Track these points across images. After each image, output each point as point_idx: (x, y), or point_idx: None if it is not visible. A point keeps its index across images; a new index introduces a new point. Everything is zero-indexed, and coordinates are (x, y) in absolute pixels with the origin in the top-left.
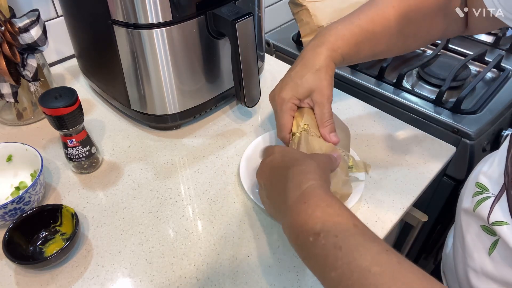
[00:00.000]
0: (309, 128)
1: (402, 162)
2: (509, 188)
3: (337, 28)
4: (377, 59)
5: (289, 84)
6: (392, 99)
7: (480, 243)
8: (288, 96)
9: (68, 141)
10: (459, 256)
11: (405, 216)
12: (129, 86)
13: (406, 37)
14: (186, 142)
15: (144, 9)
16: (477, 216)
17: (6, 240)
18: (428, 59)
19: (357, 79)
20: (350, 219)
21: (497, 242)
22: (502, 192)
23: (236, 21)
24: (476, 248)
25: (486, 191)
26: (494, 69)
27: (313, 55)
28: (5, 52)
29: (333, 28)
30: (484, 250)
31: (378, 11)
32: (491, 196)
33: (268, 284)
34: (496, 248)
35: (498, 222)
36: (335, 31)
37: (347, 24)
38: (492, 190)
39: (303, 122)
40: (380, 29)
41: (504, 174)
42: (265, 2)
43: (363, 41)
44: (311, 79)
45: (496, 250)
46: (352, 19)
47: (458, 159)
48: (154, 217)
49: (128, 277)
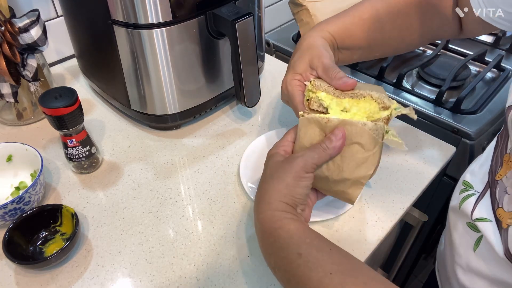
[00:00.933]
0: (316, 83)
1: (402, 162)
2: (492, 186)
3: (326, 19)
4: (378, 58)
5: (289, 68)
6: (392, 99)
7: (465, 240)
8: (289, 77)
9: (68, 141)
10: (447, 253)
11: (405, 216)
12: (129, 86)
13: (400, 29)
14: (186, 142)
15: (144, 9)
16: (462, 213)
17: (6, 240)
18: (428, 59)
19: (357, 79)
20: (294, 250)
21: (481, 238)
22: (486, 190)
23: (236, 21)
24: (462, 245)
25: (470, 189)
26: (494, 69)
27: (302, 39)
28: (5, 52)
29: (322, 21)
30: (469, 247)
31: (365, 3)
32: (475, 194)
33: (268, 284)
34: (480, 244)
35: (481, 219)
36: (324, 21)
37: (335, 16)
38: (476, 187)
39: (311, 85)
40: (369, 16)
41: (489, 173)
42: (265, 2)
43: (352, 25)
44: (305, 52)
45: (480, 247)
46: (339, 13)
47: (458, 159)
48: (154, 217)
49: (128, 277)
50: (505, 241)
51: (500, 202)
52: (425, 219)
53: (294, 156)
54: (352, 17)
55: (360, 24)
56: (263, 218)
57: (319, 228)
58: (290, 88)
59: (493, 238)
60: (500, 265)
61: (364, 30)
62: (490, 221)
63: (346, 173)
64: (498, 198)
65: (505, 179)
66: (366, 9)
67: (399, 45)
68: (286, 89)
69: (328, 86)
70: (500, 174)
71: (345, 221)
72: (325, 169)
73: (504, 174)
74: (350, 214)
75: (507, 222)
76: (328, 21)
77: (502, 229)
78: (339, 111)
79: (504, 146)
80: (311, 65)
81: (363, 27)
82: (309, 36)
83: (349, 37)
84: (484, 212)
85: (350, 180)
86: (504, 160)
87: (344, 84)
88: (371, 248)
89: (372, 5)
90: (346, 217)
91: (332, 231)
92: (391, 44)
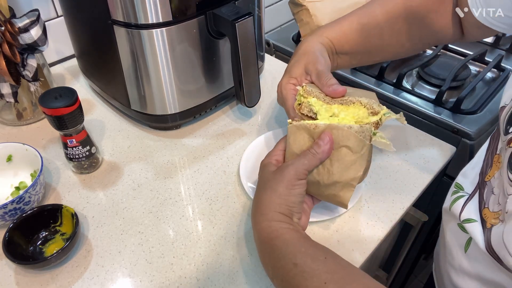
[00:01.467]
0: (307, 88)
1: (402, 162)
2: (481, 187)
3: (325, 25)
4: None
5: (285, 72)
6: (392, 99)
7: (457, 240)
8: (284, 81)
9: (68, 141)
10: (441, 254)
11: (405, 216)
12: (129, 86)
13: (399, 34)
14: (186, 142)
15: (144, 9)
16: (452, 214)
17: (6, 240)
18: (428, 59)
19: (357, 79)
20: (290, 260)
21: (471, 239)
22: (475, 191)
23: (236, 21)
24: (454, 245)
25: (461, 190)
26: (494, 69)
27: (301, 43)
28: (5, 52)
29: (321, 26)
30: (461, 248)
31: (363, 9)
32: (465, 195)
33: (268, 284)
34: (470, 245)
35: (468, 220)
36: (323, 26)
37: (335, 21)
38: (467, 189)
39: (302, 90)
40: (367, 22)
41: (479, 174)
42: (265, 2)
43: (351, 31)
44: (302, 57)
45: (470, 247)
46: (339, 19)
47: (458, 159)
48: (154, 217)
49: (128, 277)
50: (488, 239)
51: (486, 203)
52: (425, 219)
53: (285, 165)
54: (351, 23)
55: (359, 30)
56: (260, 229)
57: (319, 228)
58: (284, 92)
59: (479, 238)
60: (489, 265)
61: (362, 36)
62: (476, 221)
63: (336, 176)
64: (485, 199)
65: (493, 179)
66: (365, 15)
67: (399, 50)
68: (281, 93)
69: (320, 92)
70: (489, 175)
71: (345, 221)
72: (315, 174)
73: (493, 175)
74: (350, 214)
75: (491, 222)
76: (327, 26)
77: (485, 229)
78: (328, 116)
79: (495, 147)
80: (306, 70)
81: (361, 33)
82: (307, 40)
83: (347, 42)
84: (472, 213)
85: (341, 182)
86: (494, 161)
87: (333, 92)
88: (371, 248)
89: (371, 10)
90: (346, 217)
91: (332, 231)
92: (391, 49)
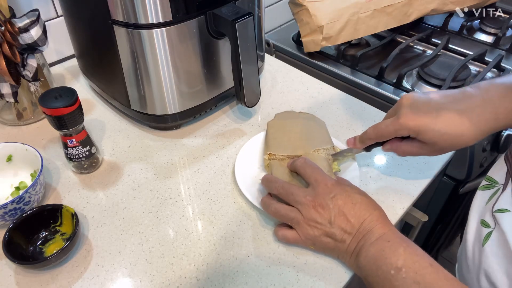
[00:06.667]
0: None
1: (402, 162)
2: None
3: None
4: (378, 58)
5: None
6: (392, 99)
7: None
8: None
9: (68, 141)
10: (469, 257)
11: (405, 216)
12: (129, 86)
13: None
14: (186, 142)
15: (144, 9)
16: (484, 209)
17: (6, 240)
18: (428, 59)
19: (357, 79)
20: (426, 259)
21: (490, 234)
22: (507, 181)
23: (236, 21)
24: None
25: (496, 184)
26: (494, 69)
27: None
28: (5, 52)
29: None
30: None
31: None
32: (499, 187)
33: (268, 284)
34: (490, 239)
35: (500, 210)
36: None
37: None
38: (499, 181)
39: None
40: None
41: (505, 160)
42: (265, 2)
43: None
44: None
45: (489, 241)
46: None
47: (458, 159)
48: (154, 217)
49: (128, 277)
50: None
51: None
52: (425, 219)
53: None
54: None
55: None
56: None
57: None
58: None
59: (508, 228)
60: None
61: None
62: (508, 211)
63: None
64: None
65: None
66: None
67: None
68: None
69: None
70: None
71: None
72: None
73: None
74: None
75: None
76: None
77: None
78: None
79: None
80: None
81: None
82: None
83: None
84: (508, 202)
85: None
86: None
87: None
88: None
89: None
90: None
91: None
92: None
